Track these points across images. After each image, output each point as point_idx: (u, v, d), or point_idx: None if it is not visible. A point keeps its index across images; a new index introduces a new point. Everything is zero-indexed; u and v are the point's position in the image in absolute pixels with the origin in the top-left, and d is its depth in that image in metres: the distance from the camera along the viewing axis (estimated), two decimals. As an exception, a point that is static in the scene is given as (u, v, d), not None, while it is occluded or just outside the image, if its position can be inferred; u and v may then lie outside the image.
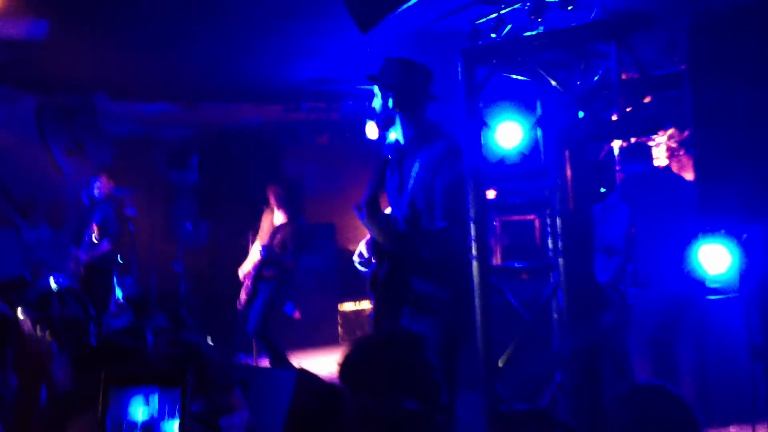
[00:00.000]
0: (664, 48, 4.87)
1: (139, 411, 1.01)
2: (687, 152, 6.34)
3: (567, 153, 3.02)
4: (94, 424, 1.02)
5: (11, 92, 8.18)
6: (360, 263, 3.92)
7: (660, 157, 6.63)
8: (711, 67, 2.77)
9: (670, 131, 7.04)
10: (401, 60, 3.65)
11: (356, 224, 10.04)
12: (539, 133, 3.23)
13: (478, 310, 3.11)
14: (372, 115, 3.69)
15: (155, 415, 0.99)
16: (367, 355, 2.51)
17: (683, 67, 2.85)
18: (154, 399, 1.00)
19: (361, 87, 8.33)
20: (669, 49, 4.82)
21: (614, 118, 2.94)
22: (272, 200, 7.48)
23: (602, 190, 3.20)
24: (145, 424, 0.99)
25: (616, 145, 7.02)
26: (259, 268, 7.12)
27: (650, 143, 6.55)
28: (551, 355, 3.14)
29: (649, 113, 3.25)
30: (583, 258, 3.05)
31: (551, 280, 3.13)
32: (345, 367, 2.55)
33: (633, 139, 6.48)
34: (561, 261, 3.02)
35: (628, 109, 3.04)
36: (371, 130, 8.56)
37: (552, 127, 3.09)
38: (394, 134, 3.73)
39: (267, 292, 7.16)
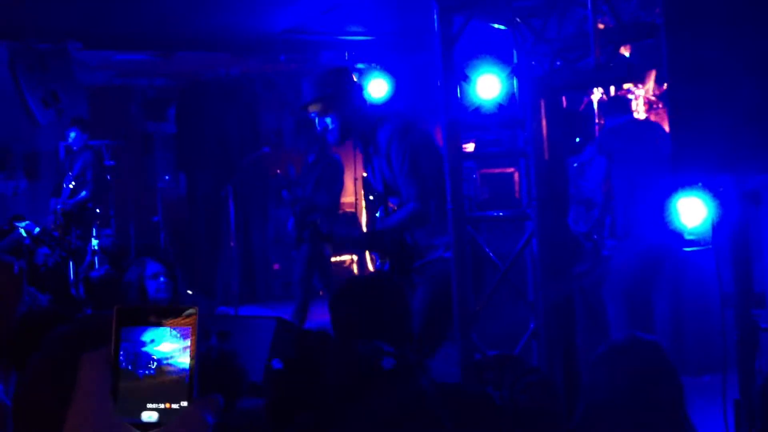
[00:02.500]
0: (643, 1, 4.85)
1: (152, 347, 1.02)
2: (665, 105, 6.34)
3: (543, 102, 3.01)
4: (106, 358, 1.03)
5: (-17, 40, 8.02)
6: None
7: (638, 111, 6.63)
8: (687, 19, 2.76)
9: (648, 84, 7.04)
10: (320, 73, 3.90)
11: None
12: (515, 82, 3.21)
13: (453, 260, 3.12)
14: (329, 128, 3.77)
15: (168, 351, 1.00)
16: (355, 292, 2.54)
17: (659, 19, 2.83)
18: (166, 336, 1.00)
19: (340, 38, 8.23)
20: (648, 2, 4.80)
21: (590, 65, 2.92)
22: None
23: (577, 140, 3.19)
24: (159, 357, 1.00)
25: (596, 97, 7.02)
26: (300, 216, 6.98)
27: (629, 96, 6.54)
28: (526, 305, 3.17)
29: (625, 61, 3.23)
30: (557, 207, 3.05)
31: (526, 230, 3.14)
32: (335, 301, 2.57)
33: (612, 91, 6.48)
34: (535, 210, 3.03)
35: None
36: (350, 82, 8.50)
37: (528, 76, 3.07)
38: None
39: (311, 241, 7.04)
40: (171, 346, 1.02)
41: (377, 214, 3.80)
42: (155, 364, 1.01)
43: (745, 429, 3.06)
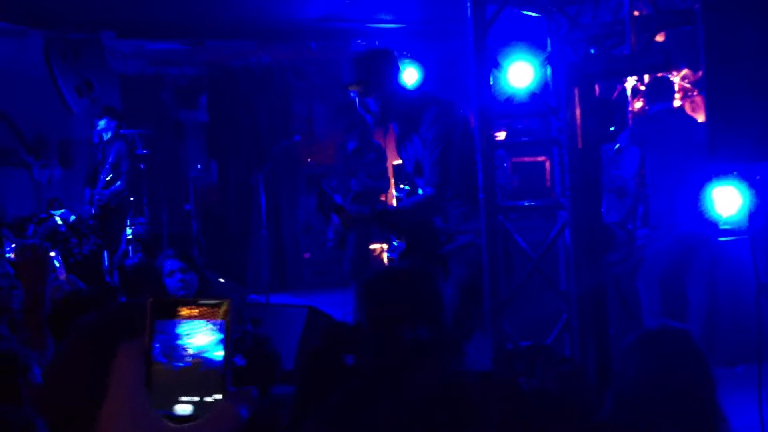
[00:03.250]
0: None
1: (187, 339, 1.01)
2: (700, 93, 6.26)
3: (576, 90, 2.97)
4: (140, 350, 1.04)
5: (19, 30, 8.12)
6: (389, 255, 4.12)
7: (674, 98, 6.54)
8: (724, 4, 2.72)
9: (684, 72, 6.94)
10: (363, 54, 3.90)
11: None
12: (549, 70, 3.18)
13: (484, 249, 3.12)
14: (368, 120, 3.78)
15: (203, 344, 1.00)
16: (387, 281, 2.54)
17: (696, 5, 2.79)
18: (201, 329, 1.00)
19: (370, 26, 8.22)
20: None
21: (625, 53, 2.88)
22: None
23: (611, 129, 3.16)
24: (194, 350, 1.00)
25: (629, 85, 6.94)
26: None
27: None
28: (558, 295, 3.15)
29: (660, 48, 3.19)
30: (590, 197, 3.03)
31: (559, 219, 3.11)
32: (366, 291, 2.58)
33: (646, 78, 6.39)
34: (568, 199, 3.01)
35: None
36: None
37: (562, 63, 3.04)
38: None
39: (360, 230, 7.06)
40: (206, 339, 1.02)
41: (395, 194, 3.82)
42: (190, 356, 1.01)
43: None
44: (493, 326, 3.05)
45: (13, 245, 4.04)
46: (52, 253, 4.11)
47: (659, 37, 5.20)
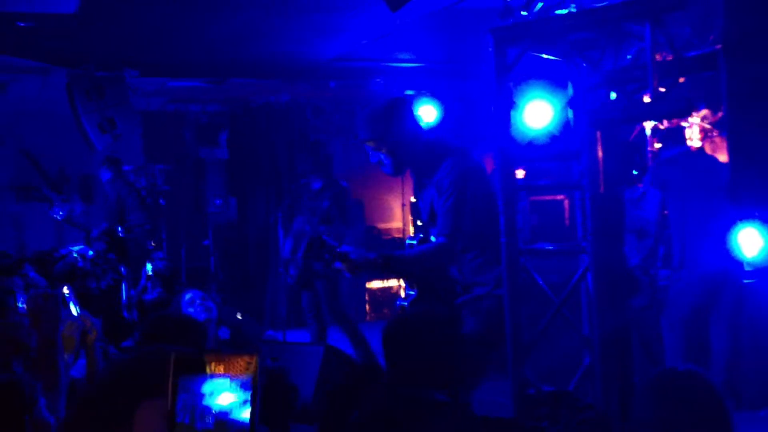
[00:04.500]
0: (699, 28, 4.78)
1: (211, 399, 0.98)
2: (721, 134, 6.24)
3: (599, 134, 2.97)
4: (163, 410, 1.02)
5: (43, 67, 8.23)
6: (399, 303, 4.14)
7: (693, 139, 6.52)
8: (746, 46, 2.71)
9: (704, 112, 6.91)
10: (374, 109, 3.81)
11: (385, 201, 10.05)
12: (570, 114, 3.17)
13: (506, 292, 3.09)
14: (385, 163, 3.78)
15: (227, 404, 0.96)
16: (409, 328, 2.52)
17: (718, 47, 2.79)
18: (225, 387, 0.97)
19: (389, 65, 8.27)
20: (704, 29, 4.73)
21: (647, 99, 2.88)
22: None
23: (634, 172, 3.15)
24: (218, 411, 0.96)
25: (648, 125, 6.93)
26: (307, 250, 7.00)
27: (683, 124, 6.44)
28: (580, 339, 3.12)
29: (682, 95, 3.18)
30: (613, 241, 3.01)
31: (581, 263, 3.09)
32: (388, 336, 2.55)
33: (666, 123, 6.39)
34: (591, 244, 2.99)
35: (661, 90, 2.98)
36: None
37: (583, 108, 3.04)
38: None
39: (327, 277, 7.05)
40: (230, 398, 0.99)
41: (407, 242, 3.83)
42: (213, 418, 0.98)
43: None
44: (514, 371, 3.01)
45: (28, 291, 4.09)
46: (66, 290, 4.14)
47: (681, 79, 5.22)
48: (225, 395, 1.00)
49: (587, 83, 3.01)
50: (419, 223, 8.15)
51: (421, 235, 3.85)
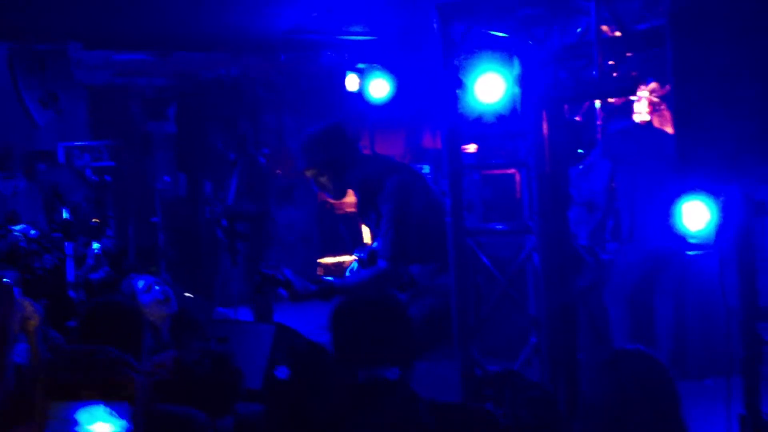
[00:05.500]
0: (647, 1, 4.79)
1: (84, 427, 0.90)
2: (669, 107, 6.29)
3: (545, 113, 2.95)
4: None
5: (-18, 41, 7.98)
6: None
7: (641, 112, 6.57)
8: (692, 18, 2.71)
9: (652, 85, 6.97)
10: (309, 138, 3.90)
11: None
12: (518, 90, 3.14)
13: (452, 272, 3.08)
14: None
15: None
16: (356, 312, 2.49)
17: (665, 21, 2.78)
18: (99, 414, 0.90)
19: (341, 38, 8.18)
20: (652, 1, 4.75)
21: (593, 76, 2.87)
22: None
23: (580, 151, 3.15)
24: None
25: (598, 102, 6.96)
26: (229, 223, 6.94)
27: (632, 98, 6.48)
28: (527, 318, 3.13)
29: (629, 72, 3.18)
30: (559, 220, 3.01)
31: (527, 242, 3.09)
32: (335, 319, 2.53)
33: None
34: (537, 223, 2.98)
35: (610, 63, 2.97)
36: (351, 82, 8.44)
37: (530, 86, 3.01)
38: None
39: (247, 250, 7.04)
40: (105, 428, 0.92)
41: (350, 267, 3.89)
42: None
43: (750, 444, 3.01)
44: (461, 352, 3.01)
45: None
46: (5, 279, 4.01)
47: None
48: (99, 424, 0.93)
49: (535, 61, 2.98)
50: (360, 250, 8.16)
51: (370, 248, 3.88)
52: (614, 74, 2.94)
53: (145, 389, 0.88)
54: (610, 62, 3.11)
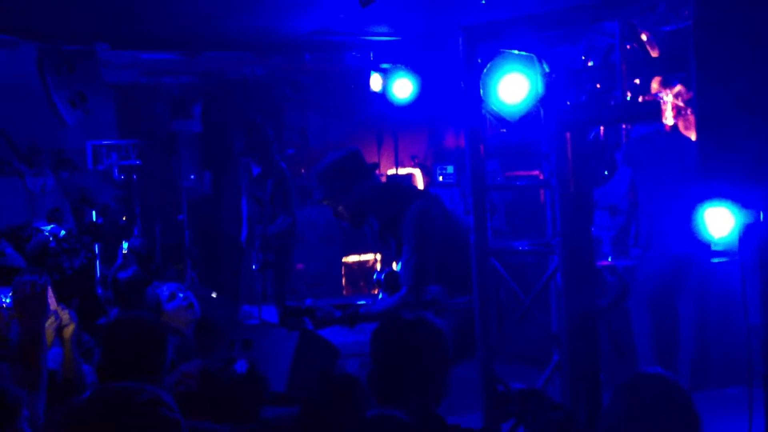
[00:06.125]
0: (674, 2, 4.77)
1: None
2: (693, 111, 6.26)
3: (568, 135, 2.98)
4: None
5: (12, 41, 8.08)
6: None
7: (666, 117, 6.54)
8: (716, 24, 2.70)
9: (678, 88, 6.93)
10: (325, 167, 3.89)
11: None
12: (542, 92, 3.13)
13: (475, 292, 3.12)
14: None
15: None
16: (397, 332, 2.50)
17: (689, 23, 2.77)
18: None
19: (365, 38, 8.21)
20: (678, 3, 4.73)
21: (618, 100, 2.88)
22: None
23: (606, 172, 3.16)
24: None
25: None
26: (263, 243, 7.01)
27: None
28: (549, 338, 3.16)
29: (653, 99, 3.19)
30: (582, 241, 3.03)
31: (550, 262, 3.12)
32: (376, 337, 2.56)
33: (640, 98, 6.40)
34: (560, 244, 3.01)
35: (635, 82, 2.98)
36: (375, 82, 8.46)
37: (553, 108, 3.04)
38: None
39: (277, 261, 7.09)
40: None
41: (374, 276, 3.93)
42: None
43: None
44: (483, 370, 3.05)
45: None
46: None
47: (653, 53, 5.22)
48: None
49: (558, 82, 3.00)
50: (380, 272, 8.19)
51: (388, 269, 3.93)
52: (639, 98, 2.95)
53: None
54: (636, 81, 3.12)
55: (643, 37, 3.55)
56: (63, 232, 6.99)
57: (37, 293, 3.02)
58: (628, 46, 3.10)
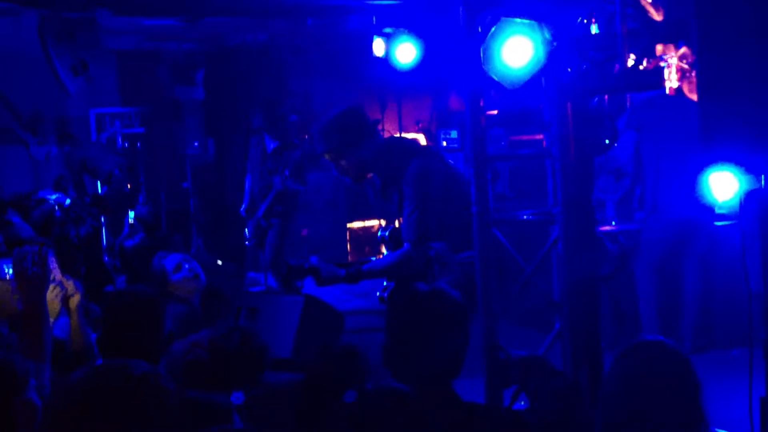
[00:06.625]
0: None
1: None
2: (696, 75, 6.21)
3: (569, 105, 2.97)
4: None
5: (13, 9, 8.04)
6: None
7: (671, 79, 6.49)
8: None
9: (683, 50, 6.87)
10: (327, 121, 3.87)
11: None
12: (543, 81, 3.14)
13: (477, 263, 3.14)
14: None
15: None
16: (414, 303, 2.51)
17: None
18: None
19: (367, 2, 8.13)
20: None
21: (620, 69, 2.87)
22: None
23: (606, 141, 3.15)
24: None
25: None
26: (271, 204, 7.07)
27: (661, 64, 6.40)
28: (550, 305, 3.19)
29: (655, 66, 3.17)
30: (583, 210, 3.04)
31: (552, 231, 3.13)
32: (392, 308, 2.57)
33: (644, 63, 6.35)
34: (561, 214, 3.02)
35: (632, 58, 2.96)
36: (378, 47, 8.40)
37: (554, 77, 3.02)
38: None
39: (279, 226, 7.16)
40: None
41: (379, 234, 3.93)
42: None
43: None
44: (486, 338, 3.08)
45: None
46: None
47: (657, 16, 5.18)
48: None
49: (559, 51, 2.98)
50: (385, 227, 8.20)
51: (392, 227, 3.93)
52: (641, 67, 2.94)
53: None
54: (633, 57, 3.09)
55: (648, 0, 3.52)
56: (68, 201, 7.04)
57: (36, 264, 3.02)
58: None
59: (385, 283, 3.93)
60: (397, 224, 4.09)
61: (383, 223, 9.22)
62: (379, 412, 2.06)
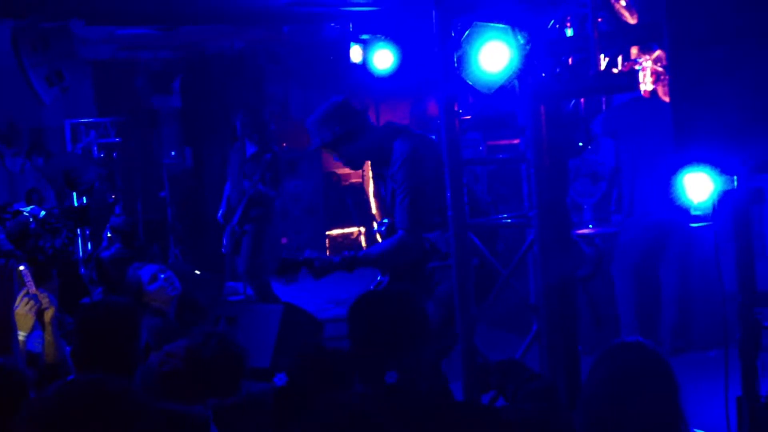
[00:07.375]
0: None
1: None
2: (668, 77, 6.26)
3: (543, 108, 2.97)
4: None
5: (-15, 18, 7.96)
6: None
7: (646, 82, 6.54)
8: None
9: (657, 53, 6.92)
10: (317, 117, 3.90)
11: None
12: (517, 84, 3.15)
13: (454, 267, 3.14)
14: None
15: None
16: (373, 306, 2.50)
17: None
18: None
19: (344, 9, 8.13)
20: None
21: (593, 72, 2.87)
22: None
23: (580, 144, 3.16)
24: None
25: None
26: (245, 210, 7.05)
27: (636, 67, 6.45)
28: (528, 309, 3.19)
29: (630, 69, 3.18)
30: (558, 213, 3.04)
31: (528, 234, 3.14)
32: (353, 313, 2.56)
33: (619, 64, 6.39)
34: (537, 217, 3.03)
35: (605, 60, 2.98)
36: (355, 54, 8.40)
37: (528, 80, 3.03)
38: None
39: (254, 231, 7.15)
40: None
41: (375, 228, 3.89)
42: None
43: (746, 427, 3.08)
44: (463, 342, 3.08)
45: None
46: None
47: (631, 19, 5.21)
48: None
49: (532, 54, 2.99)
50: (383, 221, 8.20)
51: (389, 221, 3.90)
52: (614, 69, 2.95)
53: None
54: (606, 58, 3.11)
55: (622, 3, 3.54)
56: (43, 213, 6.96)
57: (3, 276, 3.02)
58: (600, 19, 3.09)
59: (378, 278, 3.91)
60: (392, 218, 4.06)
61: (362, 230, 9.22)
62: (351, 417, 2.05)
